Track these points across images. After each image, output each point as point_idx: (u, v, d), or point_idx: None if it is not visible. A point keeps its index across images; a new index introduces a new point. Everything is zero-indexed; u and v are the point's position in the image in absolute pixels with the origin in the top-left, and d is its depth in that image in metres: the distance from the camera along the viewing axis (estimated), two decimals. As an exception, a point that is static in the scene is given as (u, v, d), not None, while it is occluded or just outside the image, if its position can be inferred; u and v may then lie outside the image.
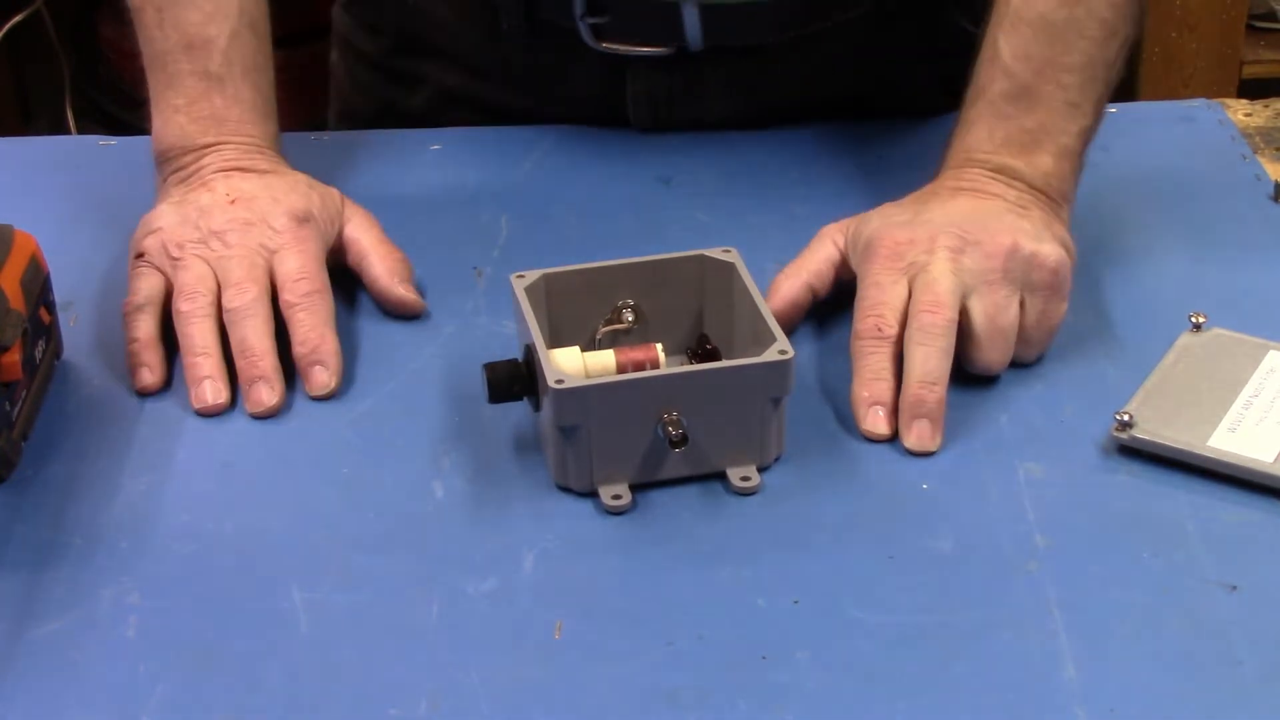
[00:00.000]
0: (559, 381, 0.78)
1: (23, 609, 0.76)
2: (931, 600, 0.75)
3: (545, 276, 0.85)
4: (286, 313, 0.89)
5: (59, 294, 0.91)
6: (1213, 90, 2.10)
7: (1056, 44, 0.93)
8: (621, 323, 0.87)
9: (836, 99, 1.11)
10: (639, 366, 0.82)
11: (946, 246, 0.87)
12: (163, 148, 0.97)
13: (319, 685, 0.72)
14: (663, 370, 0.82)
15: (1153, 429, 0.82)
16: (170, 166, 0.97)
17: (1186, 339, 0.88)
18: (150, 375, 0.88)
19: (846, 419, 0.86)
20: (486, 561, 0.78)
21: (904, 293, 0.87)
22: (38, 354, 0.86)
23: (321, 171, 1.08)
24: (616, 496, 0.81)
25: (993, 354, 0.87)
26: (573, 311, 0.86)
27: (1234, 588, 0.76)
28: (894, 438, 0.84)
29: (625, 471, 0.81)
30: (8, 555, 0.79)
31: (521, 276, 0.85)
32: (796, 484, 0.82)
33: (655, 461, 0.81)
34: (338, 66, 1.22)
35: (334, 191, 0.97)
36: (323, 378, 0.87)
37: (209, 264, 0.90)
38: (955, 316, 0.85)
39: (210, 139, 0.97)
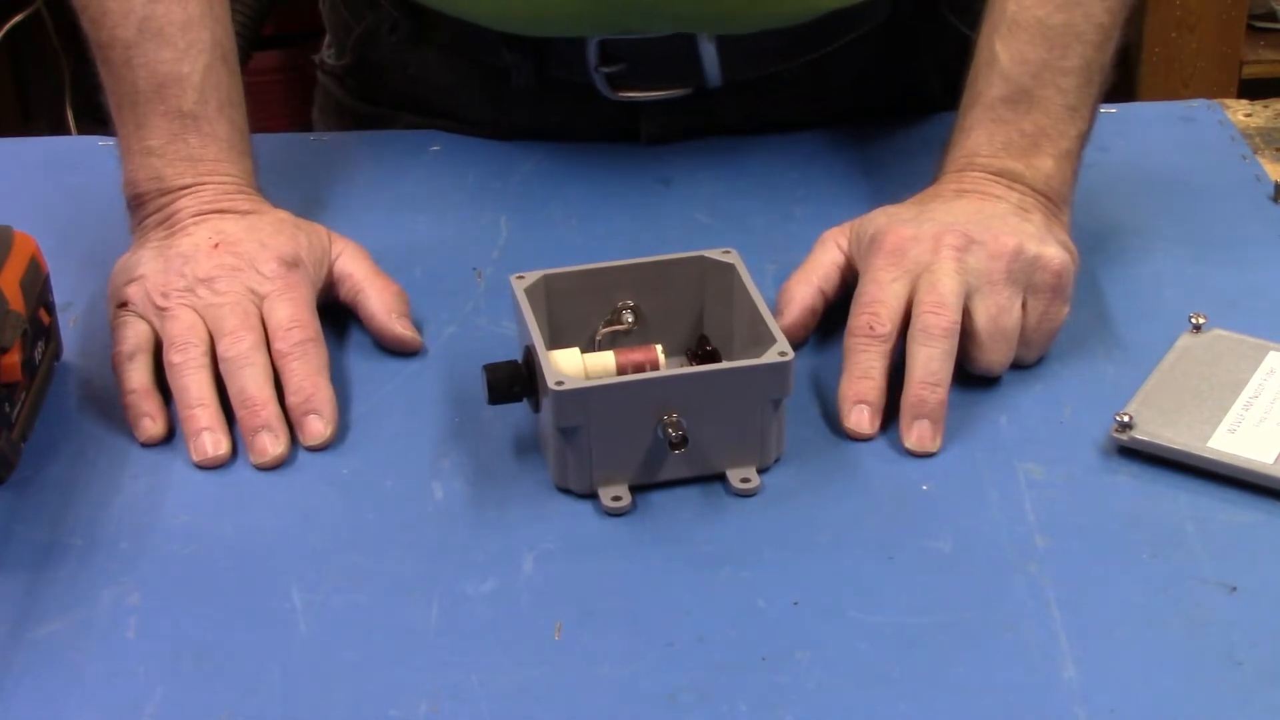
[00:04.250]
0: (559, 383, 0.78)
1: (23, 609, 0.76)
2: (931, 601, 0.75)
3: (545, 277, 0.85)
4: (279, 362, 0.87)
5: (59, 294, 0.91)
6: (1213, 90, 2.10)
7: (1055, 48, 0.93)
8: (621, 324, 0.87)
9: (844, 113, 1.12)
10: (639, 368, 0.82)
11: (951, 245, 0.87)
12: (136, 191, 0.94)
13: (319, 686, 0.72)
14: (663, 372, 0.82)
15: (1153, 430, 0.82)
16: (145, 210, 0.94)
17: (1186, 340, 0.88)
18: (153, 425, 0.85)
19: (846, 419, 0.86)
20: (486, 562, 0.78)
21: (903, 291, 0.87)
22: (37, 355, 0.86)
23: (321, 172, 1.08)
24: (616, 498, 0.81)
25: (995, 355, 0.87)
26: (573, 312, 0.86)
27: (1234, 588, 0.76)
28: (875, 437, 0.84)
29: (625, 473, 0.81)
30: (8, 555, 0.79)
31: (521, 277, 0.85)
32: (796, 485, 0.82)
33: (655, 463, 0.81)
34: (321, 124, 1.20)
35: (320, 228, 0.94)
36: (318, 427, 0.85)
37: (198, 312, 0.88)
38: (959, 318, 0.85)
39: (187, 180, 0.93)
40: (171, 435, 0.86)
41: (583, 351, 0.83)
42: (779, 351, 0.80)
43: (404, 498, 0.82)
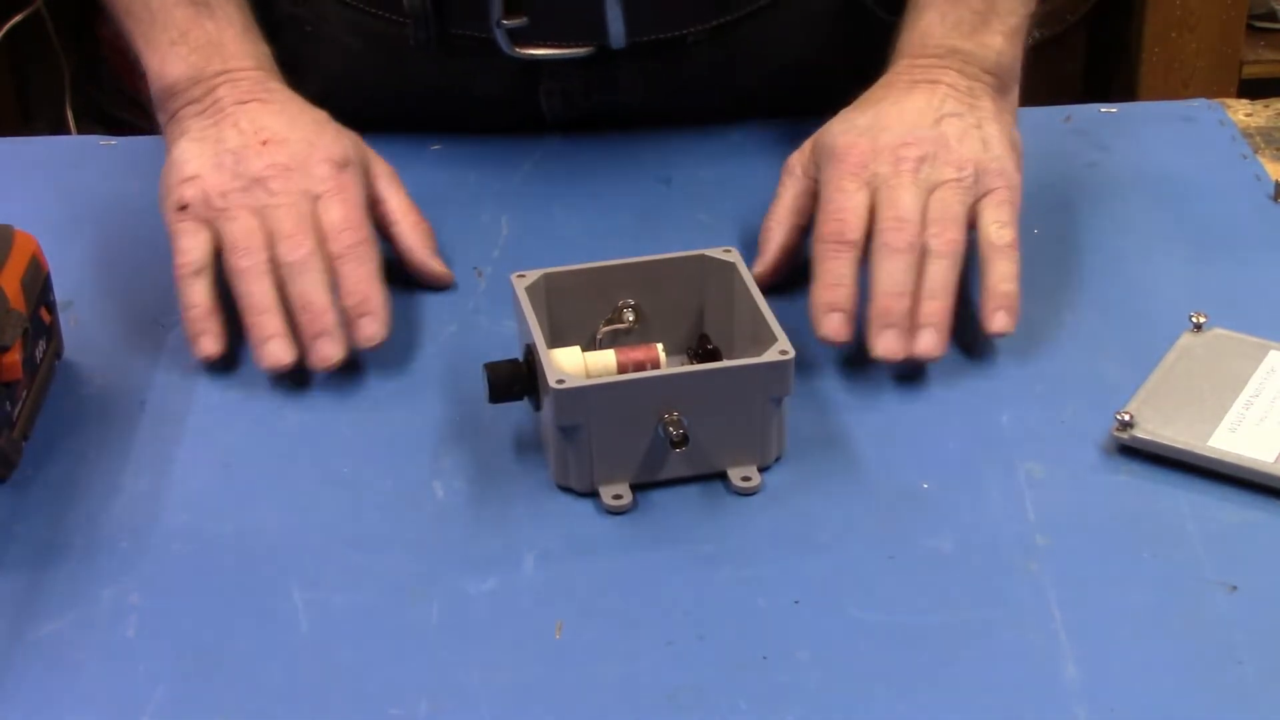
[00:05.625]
0: (560, 381, 0.78)
1: (23, 609, 0.76)
2: (932, 600, 0.75)
3: (546, 276, 0.85)
4: (333, 264, 0.88)
5: (59, 294, 0.91)
6: (1213, 90, 2.10)
7: None
8: (622, 322, 0.87)
9: (749, 93, 1.10)
10: (640, 366, 0.82)
11: (910, 158, 0.89)
12: (167, 83, 0.95)
13: (319, 685, 0.72)
14: (663, 370, 0.82)
15: (1153, 429, 0.82)
16: (179, 100, 0.95)
17: (1187, 339, 0.88)
18: (213, 344, 0.87)
19: (847, 419, 0.86)
20: (487, 561, 0.78)
21: (866, 201, 0.89)
22: (38, 354, 0.86)
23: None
24: (617, 496, 0.81)
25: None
26: (573, 311, 0.86)
27: (1234, 588, 0.76)
28: (848, 343, 0.86)
29: (626, 471, 0.81)
30: (8, 555, 0.79)
31: (522, 276, 0.85)
32: (797, 484, 0.82)
33: (656, 461, 0.81)
34: None
35: (355, 135, 0.96)
36: (371, 329, 0.87)
37: (255, 214, 0.89)
38: (920, 232, 0.87)
39: (217, 67, 0.95)
40: (226, 354, 0.88)
41: (583, 350, 0.83)
42: (780, 350, 0.80)
43: (404, 497, 0.82)
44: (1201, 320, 0.89)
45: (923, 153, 0.90)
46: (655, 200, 1.05)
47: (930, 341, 0.86)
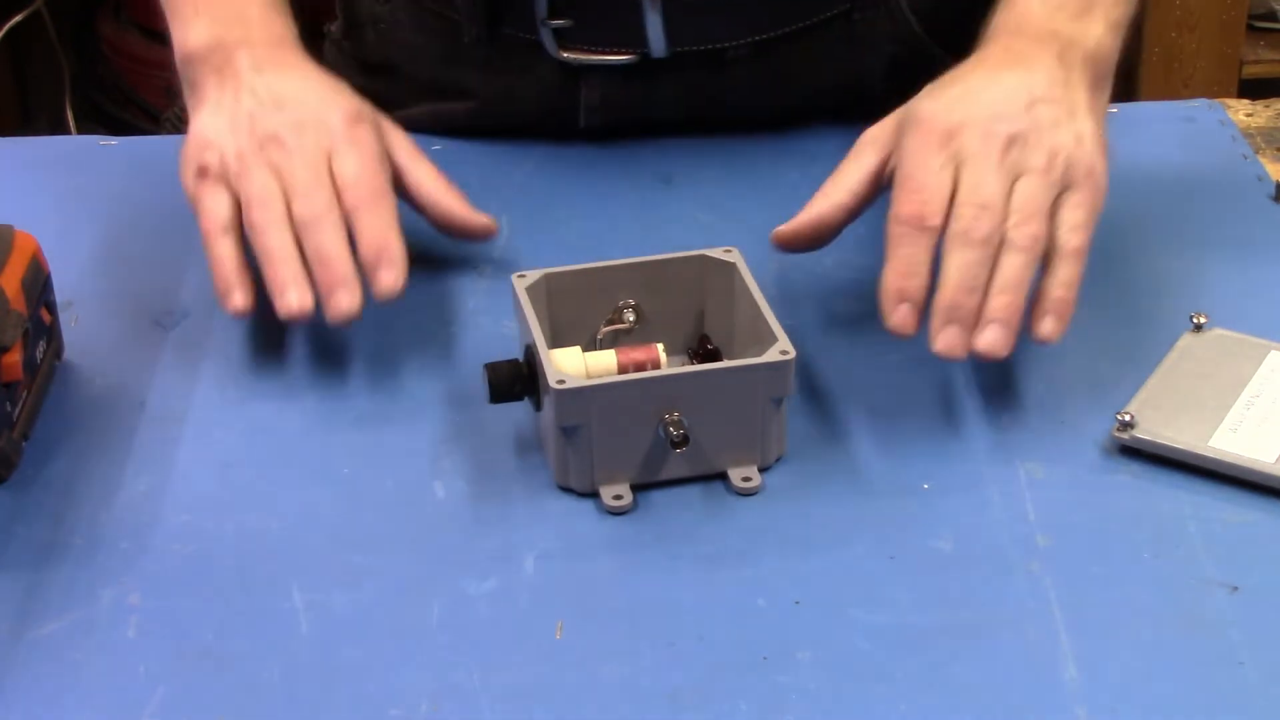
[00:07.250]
0: (560, 382, 0.78)
1: (23, 609, 0.76)
2: (932, 600, 0.75)
3: (546, 276, 0.85)
4: (350, 216, 0.88)
5: (59, 294, 0.91)
6: (1213, 90, 2.10)
7: None
8: (622, 323, 0.87)
9: (786, 109, 1.10)
10: (640, 367, 0.82)
11: (1001, 135, 0.84)
12: (188, 50, 0.95)
13: (319, 686, 0.72)
14: (664, 370, 0.82)
15: (1154, 429, 0.82)
16: (199, 69, 0.94)
17: (1188, 339, 0.88)
18: (243, 298, 0.87)
19: (847, 419, 0.86)
20: (487, 561, 0.78)
21: (950, 180, 0.83)
22: (38, 354, 0.86)
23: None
24: (617, 497, 0.81)
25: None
26: (574, 311, 0.86)
27: (1235, 588, 0.76)
28: (915, 335, 0.82)
29: (626, 472, 0.81)
30: (8, 555, 0.79)
31: (522, 276, 0.85)
32: (797, 484, 0.82)
33: (656, 462, 0.81)
34: None
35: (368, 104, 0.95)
36: (389, 279, 0.86)
37: (272, 171, 0.89)
38: (1001, 223, 0.82)
39: (237, 35, 0.95)
40: (255, 309, 0.87)
41: (584, 350, 0.83)
42: (780, 350, 0.80)
43: (404, 498, 0.82)
44: (1202, 320, 0.89)
45: (1014, 132, 0.84)
46: (656, 200, 1.05)
47: (996, 338, 0.80)
